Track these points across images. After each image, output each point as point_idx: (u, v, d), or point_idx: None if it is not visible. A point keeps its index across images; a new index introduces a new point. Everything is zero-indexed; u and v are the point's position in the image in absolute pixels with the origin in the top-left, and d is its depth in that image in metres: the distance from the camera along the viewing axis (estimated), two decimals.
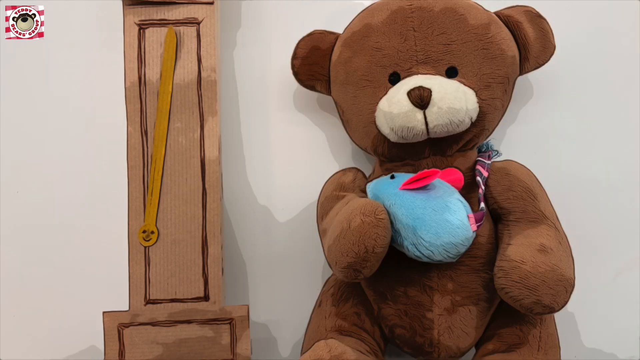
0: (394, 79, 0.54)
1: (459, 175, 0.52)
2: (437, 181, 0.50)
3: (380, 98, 0.53)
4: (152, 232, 0.58)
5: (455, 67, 0.53)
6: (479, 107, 0.53)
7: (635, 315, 0.63)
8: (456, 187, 0.51)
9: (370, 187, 0.54)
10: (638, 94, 0.65)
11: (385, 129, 0.53)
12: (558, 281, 0.46)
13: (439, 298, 0.52)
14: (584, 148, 0.65)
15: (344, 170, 0.59)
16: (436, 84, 0.50)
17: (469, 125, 0.52)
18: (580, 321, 0.63)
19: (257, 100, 0.67)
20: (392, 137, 0.53)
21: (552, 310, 0.46)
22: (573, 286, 0.47)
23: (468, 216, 0.48)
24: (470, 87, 0.53)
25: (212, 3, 0.59)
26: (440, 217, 0.47)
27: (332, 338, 0.51)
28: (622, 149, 0.64)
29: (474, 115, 0.53)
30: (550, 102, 0.65)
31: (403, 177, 0.50)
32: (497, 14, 0.57)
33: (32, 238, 0.65)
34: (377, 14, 0.55)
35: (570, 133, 0.65)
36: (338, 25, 0.59)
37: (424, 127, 0.50)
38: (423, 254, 0.47)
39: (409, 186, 0.49)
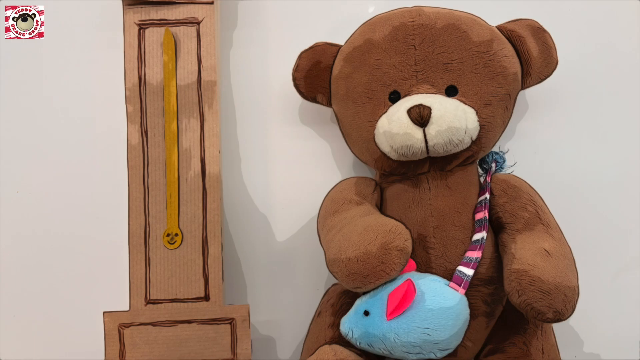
0: (394, 97, 0.53)
1: (410, 264, 0.50)
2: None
3: (380, 115, 0.53)
4: (177, 235, 0.58)
5: (455, 85, 0.53)
6: (480, 125, 0.52)
7: (635, 315, 0.63)
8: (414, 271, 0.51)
9: (352, 331, 0.49)
10: (638, 94, 0.65)
11: (385, 147, 0.53)
12: (567, 288, 0.46)
13: None
14: (584, 148, 0.65)
15: (365, 178, 0.59)
16: (436, 102, 0.50)
17: (469, 144, 0.52)
18: (580, 321, 0.62)
19: (257, 100, 0.66)
20: (392, 155, 0.53)
21: (562, 317, 0.45)
22: (578, 296, 0.47)
23: (450, 286, 0.49)
24: (471, 106, 0.52)
25: (212, 3, 0.59)
26: (442, 313, 0.47)
27: None
28: (623, 149, 0.64)
29: (475, 134, 0.52)
30: (550, 103, 0.65)
31: (376, 307, 0.48)
32: (500, 28, 0.56)
33: (32, 238, 0.65)
34: (379, 29, 0.54)
35: (571, 133, 0.65)
36: (338, 24, 0.59)
37: (423, 145, 0.50)
38: (443, 351, 0.48)
39: (396, 314, 0.47)
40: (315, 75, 0.58)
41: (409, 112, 0.50)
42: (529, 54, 0.55)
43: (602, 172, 0.64)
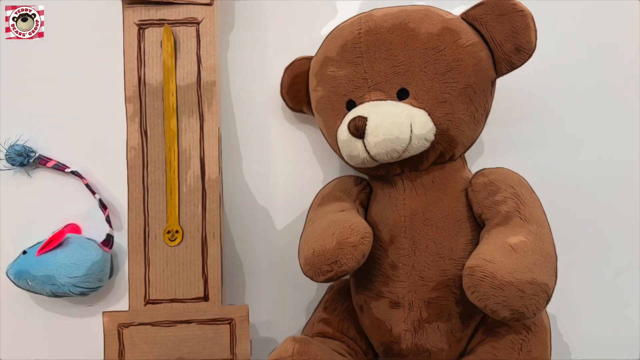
0: (351, 106, 0.53)
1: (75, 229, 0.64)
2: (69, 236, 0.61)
3: (339, 125, 0.53)
4: (177, 232, 0.58)
5: (405, 88, 0.51)
6: (437, 124, 0.50)
7: (635, 315, 0.63)
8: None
9: (10, 269, 0.60)
10: (638, 93, 0.65)
11: (343, 155, 0.53)
12: (528, 284, 0.42)
13: (406, 314, 0.51)
14: (584, 148, 0.65)
15: (357, 177, 0.59)
16: (374, 111, 0.49)
17: (425, 147, 0.50)
18: (580, 321, 0.63)
19: (256, 100, 0.66)
20: (351, 163, 0.53)
21: (522, 316, 0.42)
22: (548, 294, 0.43)
23: (99, 245, 0.61)
24: (422, 108, 0.50)
25: (210, 4, 0.59)
26: (79, 254, 0.59)
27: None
28: (623, 149, 0.64)
29: (430, 136, 0.50)
30: (550, 102, 0.65)
31: (34, 248, 0.60)
32: (465, 14, 0.54)
33: (32, 237, 0.65)
34: (333, 42, 0.55)
35: (571, 133, 0.65)
36: (336, 25, 0.59)
37: (366, 154, 0.50)
38: (78, 287, 0.59)
39: (44, 250, 0.59)
40: (297, 89, 0.61)
41: (349, 124, 0.50)
42: (493, 39, 0.52)
43: (602, 172, 0.64)
